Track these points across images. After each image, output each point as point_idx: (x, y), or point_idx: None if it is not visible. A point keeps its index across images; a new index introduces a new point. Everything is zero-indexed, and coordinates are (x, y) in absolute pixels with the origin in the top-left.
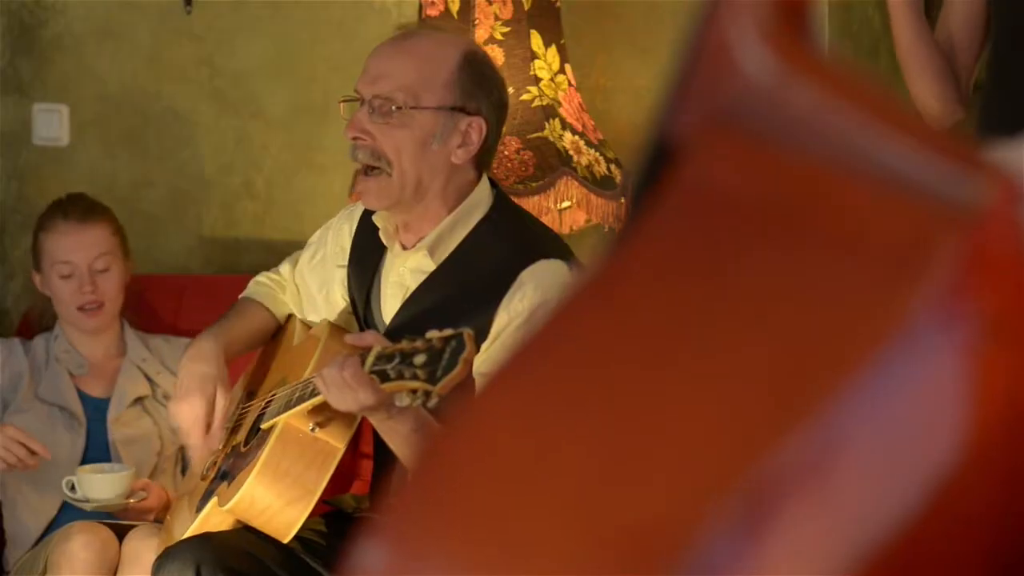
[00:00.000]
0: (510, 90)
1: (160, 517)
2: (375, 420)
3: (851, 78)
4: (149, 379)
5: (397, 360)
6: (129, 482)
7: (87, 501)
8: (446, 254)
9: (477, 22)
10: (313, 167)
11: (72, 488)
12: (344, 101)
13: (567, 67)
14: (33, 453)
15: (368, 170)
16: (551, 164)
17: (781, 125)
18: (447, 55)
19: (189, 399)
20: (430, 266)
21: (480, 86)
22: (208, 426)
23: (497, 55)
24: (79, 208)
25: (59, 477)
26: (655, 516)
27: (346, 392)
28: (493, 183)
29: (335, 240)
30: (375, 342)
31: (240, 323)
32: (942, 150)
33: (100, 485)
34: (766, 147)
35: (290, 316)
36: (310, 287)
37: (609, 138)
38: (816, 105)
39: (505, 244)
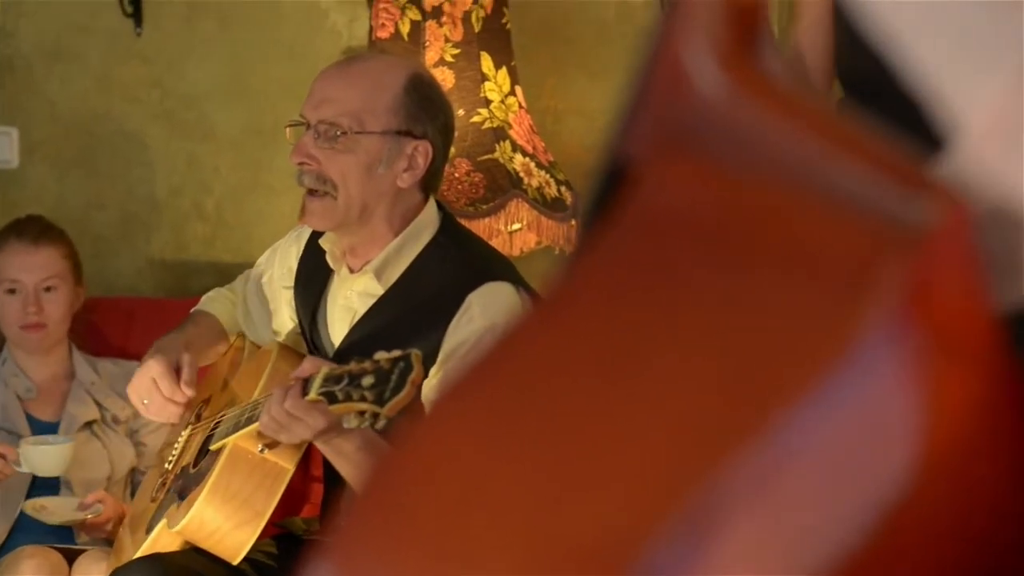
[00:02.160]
0: (460, 112)
1: (112, 536)
2: (321, 442)
3: (803, 98)
4: (98, 403)
5: (345, 382)
6: (71, 453)
7: (33, 475)
8: (394, 277)
9: (427, 44)
10: (263, 189)
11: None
12: (290, 126)
13: (518, 89)
14: (3, 457)
15: (313, 191)
16: (502, 186)
17: (734, 145)
18: (393, 79)
19: (147, 364)
20: (378, 289)
21: (426, 110)
22: (171, 388)
23: (447, 77)
24: (34, 230)
25: (7, 502)
26: (603, 530)
27: (294, 425)
28: (440, 206)
29: (282, 262)
30: (315, 369)
31: (195, 331)
32: (891, 170)
33: (43, 458)
34: (718, 167)
35: (241, 334)
36: (259, 307)
37: (560, 160)
38: (768, 125)
39: (452, 267)
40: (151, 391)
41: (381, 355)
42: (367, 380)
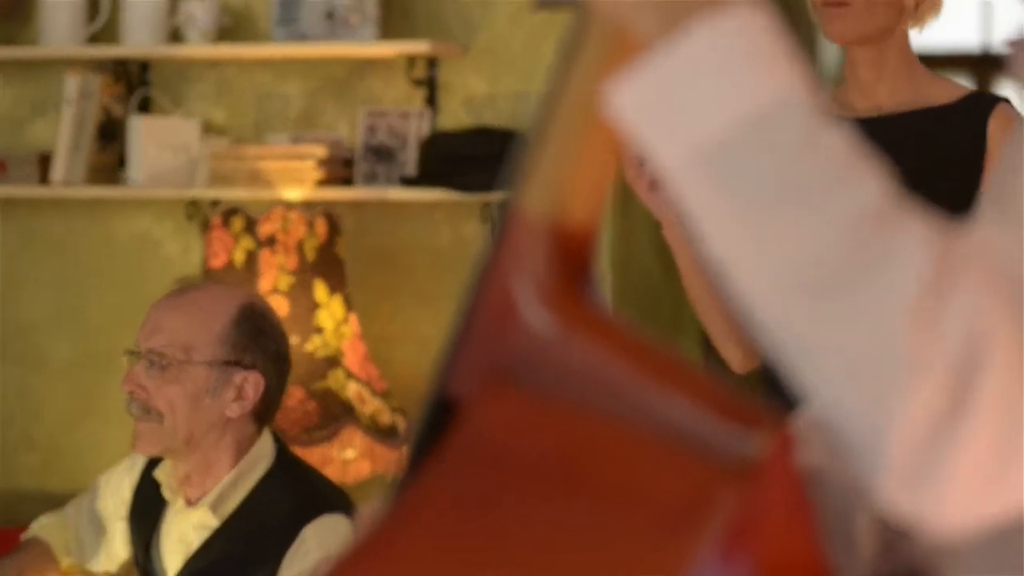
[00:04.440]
0: (294, 340)
1: None
2: None
3: (633, 335)
4: None
5: None
6: None
7: None
8: (229, 510)
9: (261, 273)
10: (97, 416)
11: None
12: (125, 354)
13: (351, 316)
14: None
15: (142, 419)
16: (335, 414)
17: (563, 380)
18: (222, 309)
19: None
20: (213, 522)
21: (257, 340)
22: None
23: (281, 305)
24: None
25: None
26: None
27: None
28: (276, 436)
29: (116, 491)
30: None
31: (26, 558)
32: (722, 407)
33: None
34: (548, 401)
35: (73, 563)
36: (92, 535)
37: (394, 387)
38: (598, 362)
39: (288, 499)
40: None
41: None
42: None
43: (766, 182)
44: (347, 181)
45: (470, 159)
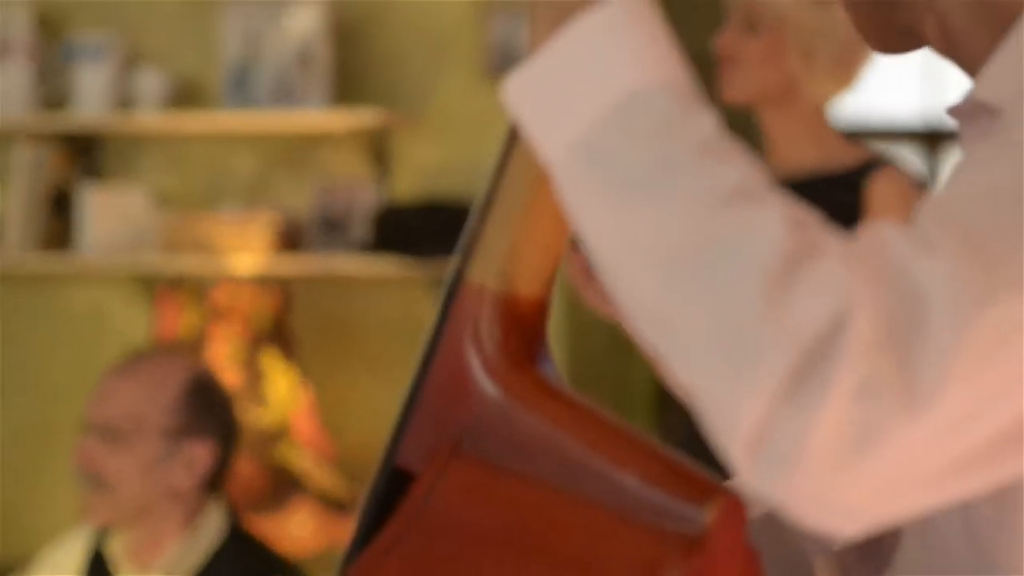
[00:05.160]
0: (245, 411)
1: None
2: None
3: (584, 405)
4: None
5: None
6: None
7: None
8: None
9: (211, 343)
10: (46, 488)
11: None
12: (74, 425)
13: (303, 388)
14: None
15: (92, 489)
16: (286, 485)
17: (514, 451)
18: (172, 379)
19: None
20: None
21: (206, 410)
22: None
23: (231, 376)
24: None
25: None
26: None
27: None
28: (227, 507)
29: (62, 566)
30: None
31: None
32: (672, 477)
33: None
34: (500, 473)
35: None
36: None
37: (346, 458)
38: (549, 433)
39: (238, 573)
40: None
41: None
42: None
43: (628, 167)
44: (298, 252)
45: (422, 230)
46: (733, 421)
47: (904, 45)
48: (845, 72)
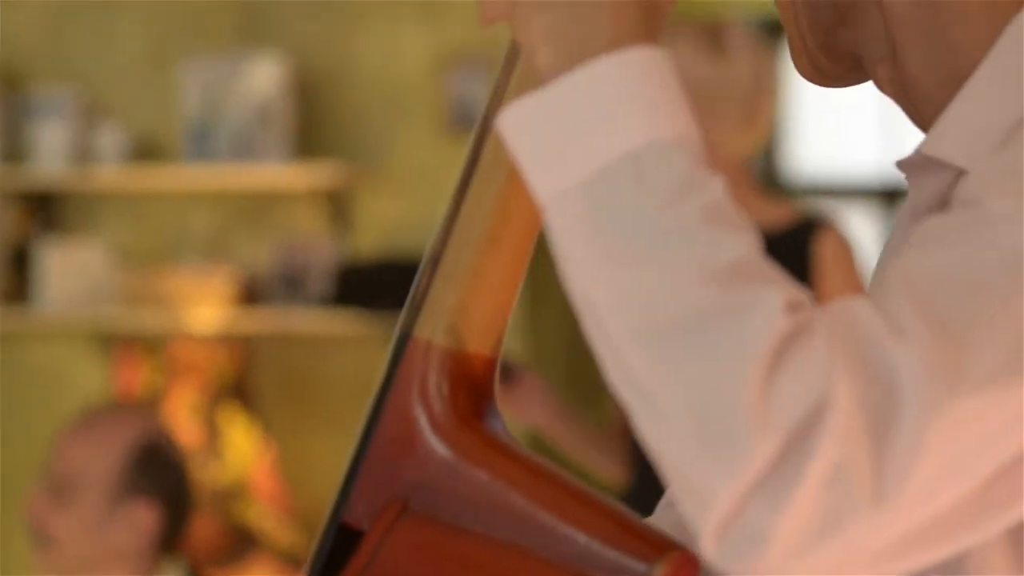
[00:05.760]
0: (203, 468)
1: None
2: None
3: (534, 461)
4: None
5: None
6: None
7: None
8: None
9: (169, 399)
10: (3, 542)
11: None
12: (30, 482)
13: (263, 442)
14: None
15: (40, 547)
16: (245, 543)
17: (463, 508)
18: (121, 438)
19: None
20: None
21: (154, 470)
22: None
23: (189, 431)
24: None
25: None
26: None
27: None
28: (186, 567)
29: None
30: None
31: None
32: (622, 532)
33: None
34: (448, 530)
35: None
36: None
37: (306, 513)
38: (498, 489)
39: None
40: None
41: None
42: None
43: (633, 219)
44: (258, 307)
45: (382, 286)
46: (706, 504)
47: (843, 74)
48: (753, 124)
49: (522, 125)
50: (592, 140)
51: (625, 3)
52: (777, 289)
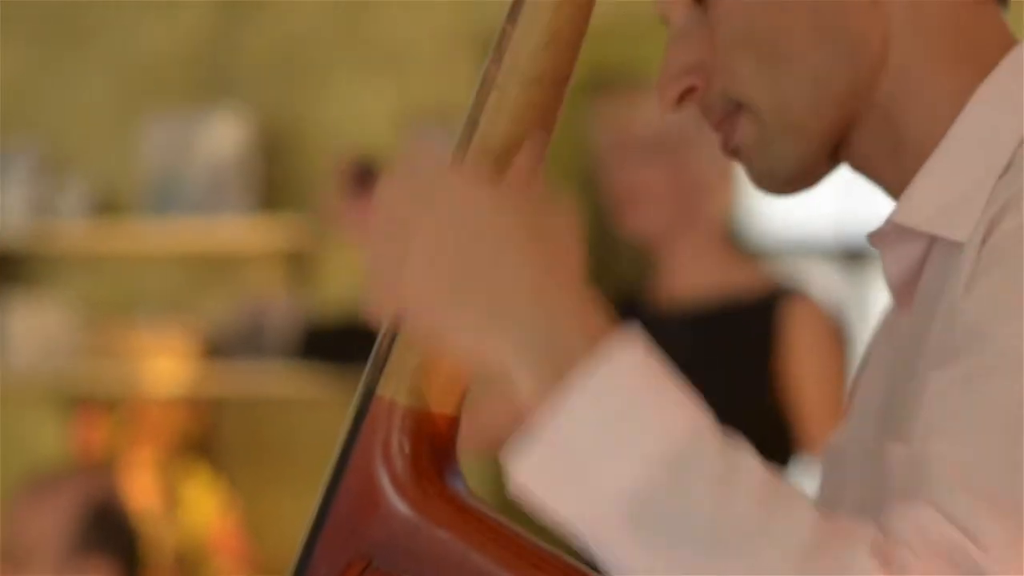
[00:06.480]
0: (165, 529)
1: None
2: None
3: (497, 522)
4: None
5: None
6: None
7: None
8: None
9: (131, 460)
10: None
11: None
12: None
13: (228, 501)
14: None
15: None
16: None
17: (423, 569)
18: (69, 503)
19: None
20: None
21: (106, 533)
22: None
23: (148, 489)
24: None
25: None
26: None
27: None
28: None
29: None
30: None
31: None
32: None
33: None
34: None
35: None
36: None
37: (268, 571)
38: (458, 550)
39: None
40: None
41: None
42: None
43: (691, 530)
44: (221, 365)
45: (347, 344)
46: None
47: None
48: (726, 180)
49: (534, 471)
50: (615, 456)
51: (555, 276)
52: (858, 542)
